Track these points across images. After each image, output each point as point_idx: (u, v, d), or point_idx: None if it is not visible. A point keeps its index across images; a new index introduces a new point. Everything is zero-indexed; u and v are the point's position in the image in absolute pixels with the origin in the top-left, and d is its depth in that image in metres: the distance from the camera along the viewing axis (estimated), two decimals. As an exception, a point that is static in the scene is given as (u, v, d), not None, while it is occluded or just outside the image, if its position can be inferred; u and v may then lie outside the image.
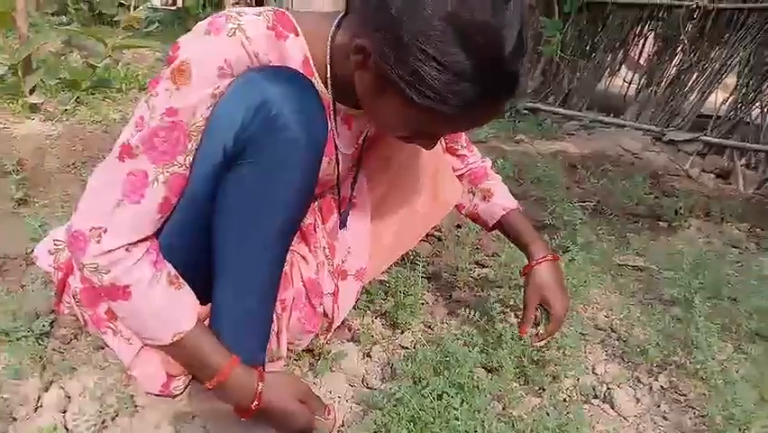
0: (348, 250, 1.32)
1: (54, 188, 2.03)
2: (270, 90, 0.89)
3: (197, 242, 1.00)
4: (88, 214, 0.94)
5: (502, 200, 1.44)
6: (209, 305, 1.06)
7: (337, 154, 1.15)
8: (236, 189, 0.94)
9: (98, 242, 0.91)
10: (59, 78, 3.03)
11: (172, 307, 0.98)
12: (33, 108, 2.63)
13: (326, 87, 1.04)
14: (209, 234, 0.99)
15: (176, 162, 0.92)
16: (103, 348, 1.26)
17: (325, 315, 1.29)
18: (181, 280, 1.01)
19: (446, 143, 1.42)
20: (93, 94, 3.10)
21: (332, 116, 1.09)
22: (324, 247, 1.30)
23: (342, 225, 1.30)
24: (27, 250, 1.59)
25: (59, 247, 1.13)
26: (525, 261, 1.40)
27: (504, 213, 1.42)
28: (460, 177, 1.47)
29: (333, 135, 1.11)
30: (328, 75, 1.02)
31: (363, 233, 1.33)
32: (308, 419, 1.06)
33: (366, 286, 1.57)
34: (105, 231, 0.91)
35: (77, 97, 2.91)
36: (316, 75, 1.02)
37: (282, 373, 1.19)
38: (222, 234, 0.98)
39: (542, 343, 1.33)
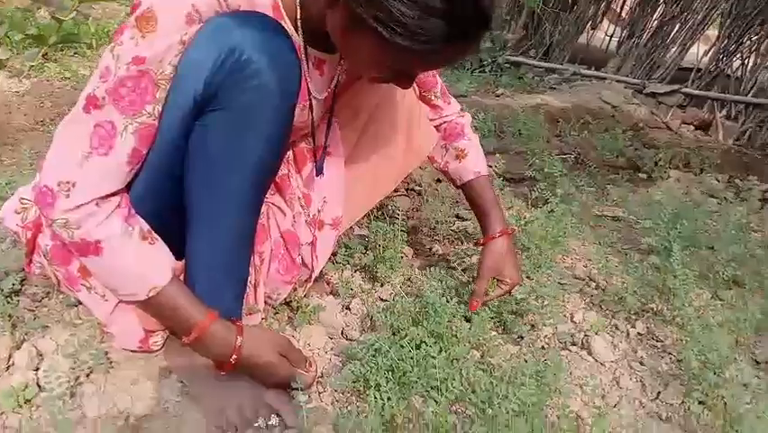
0: (323, 199, 1.30)
1: (22, 146, 1.96)
2: (241, 35, 0.86)
3: (170, 194, 0.97)
4: (56, 168, 0.90)
5: (474, 164, 1.40)
6: (184, 260, 1.03)
7: (310, 100, 1.12)
8: (207, 137, 0.92)
9: (67, 196, 0.88)
10: (25, 34, 2.92)
11: (146, 262, 0.95)
12: (-1, 65, 2.54)
13: (297, 30, 1.00)
14: (182, 185, 0.96)
15: (144, 112, 0.88)
16: (76, 306, 1.23)
17: (305, 265, 1.28)
18: (154, 235, 0.98)
19: (420, 92, 1.39)
20: (62, 50, 3.00)
21: (304, 61, 1.05)
22: (300, 197, 1.28)
23: (318, 172, 1.27)
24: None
25: (26, 206, 1.09)
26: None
27: (473, 177, 1.39)
28: (435, 128, 1.44)
29: (306, 81, 1.08)
30: (298, 18, 0.99)
31: (338, 181, 1.31)
32: (289, 371, 1.05)
33: (345, 240, 1.56)
34: (74, 185, 0.88)
35: (46, 54, 2.81)
36: (286, 19, 0.98)
37: (261, 327, 1.18)
38: (194, 184, 0.95)
39: (476, 306, 1.29)
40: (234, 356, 0.99)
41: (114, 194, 0.92)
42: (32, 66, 2.62)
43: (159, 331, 1.09)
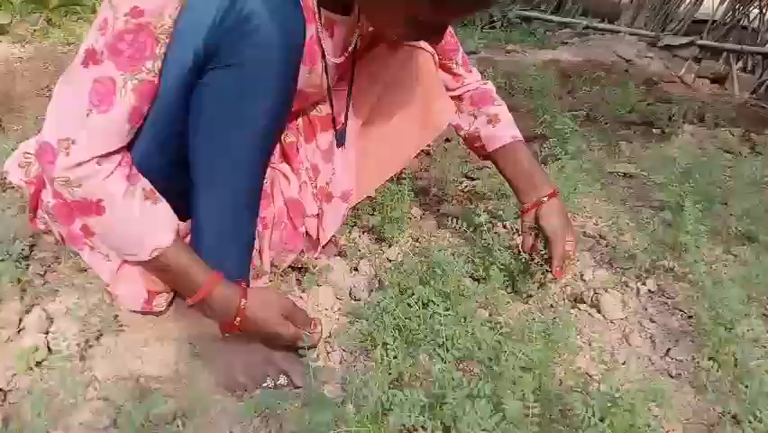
0: (333, 171, 1.28)
1: (27, 111, 1.96)
2: None
3: (173, 152, 0.96)
4: (56, 124, 0.88)
5: (509, 128, 1.36)
6: (189, 222, 1.03)
7: (325, 63, 1.09)
8: (210, 96, 0.90)
9: (67, 154, 0.87)
10: (26, -2, 2.89)
11: (149, 221, 0.94)
12: (1, 30, 2.52)
13: None
14: (184, 142, 0.95)
15: (144, 69, 0.86)
16: (85, 270, 1.24)
17: (309, 235, 1.27)
18: (157, 194, 0.97)
19: (440, 59, 1.33)
20: (65, 15, 2.97)
21: (317, 22, 1.02)
22: (308, 168, 1.26)
23: (340, 143, 1.25)
24: (1, 175, 1.55)
25: (30, 160, 1.08)
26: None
27: (510, 141, 1.34)
28: (457, 97, 1.39)
29: (320, 43, 1.05)
30: None
31: (349, 154, 1.28)
32: (293, 333, 1.04)
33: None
34: (74, 142, 0.87)
35: (49, 19, 2.78)
36: None
37: (266, 289, 1.18)
38: (197, 142, 0.94)
39: (561, 273, 1.28)
40: (238, 318, 0.99)
41: (115, 152, 0.90)
42: (35, 31, 2.60)
43: (162, 293, 1.09)
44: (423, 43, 1.25)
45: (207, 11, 0.84)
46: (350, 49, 1.12)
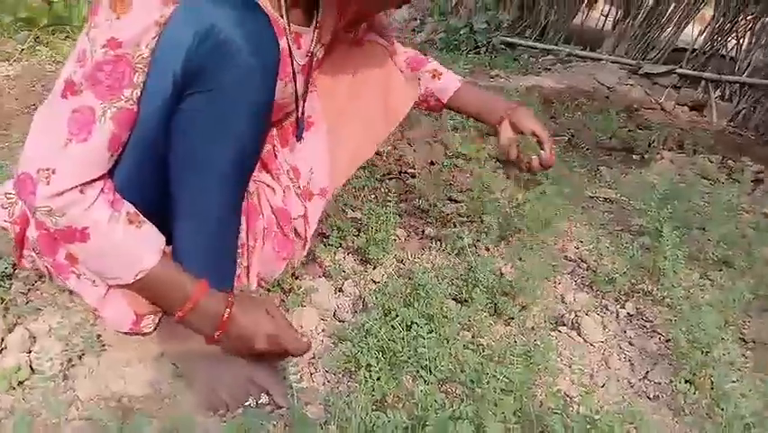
0: (311, 171, 1.30)
1: (13, 129, 1.96)
2: (218, 14, 0.86)
3: (153, 180, 0.96)
4: (35, 155, 0.88)
5: (453, 76, 1.44)
6: (171, 248, 1.03)
7: (294, 72, 1.12)
8: (189, 121, 0.91)
9: (48, 183, 0.86)
10: (16, 17, 2.90)
11: (134, 245, 0.95)
12: (-12, 48, 2.53)
13: (281, 7, 1.01)
14: (165, 170, 0.96)
15: (122, 97, 0.87)
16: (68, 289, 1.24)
17: (297, 235, 1.28)
18: (141, 217, 0.96)
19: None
20: (53, 33, 2.97)
21: (287, 37, 1.05)
22: (288, 170, 1.28)
23: (299, 137, 1.27)
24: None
25: (12, 200, 1.08)
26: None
27: (460, 85, 1.42)
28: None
29: (291, 57, 1.08)
30: None
31: (322, 152, 1.31)
32: (280, 328, 1.02)
33: (338, 223, 1.56)
34: (54, 172, 0.86)
35: (37, 37, 2.79)
36: None
37: (249, 294, 1.18)
38: (177, 170, 0.95)
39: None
40: (228, 310, 0.97)
41: (97, 179, 0.91)
42: (23, 49, 2.61)
43: (149, 314, 1.10)
44: (376, 36, 1.34)
45: (184, 37, 0.85)
46: (308, 52, 1.16)
